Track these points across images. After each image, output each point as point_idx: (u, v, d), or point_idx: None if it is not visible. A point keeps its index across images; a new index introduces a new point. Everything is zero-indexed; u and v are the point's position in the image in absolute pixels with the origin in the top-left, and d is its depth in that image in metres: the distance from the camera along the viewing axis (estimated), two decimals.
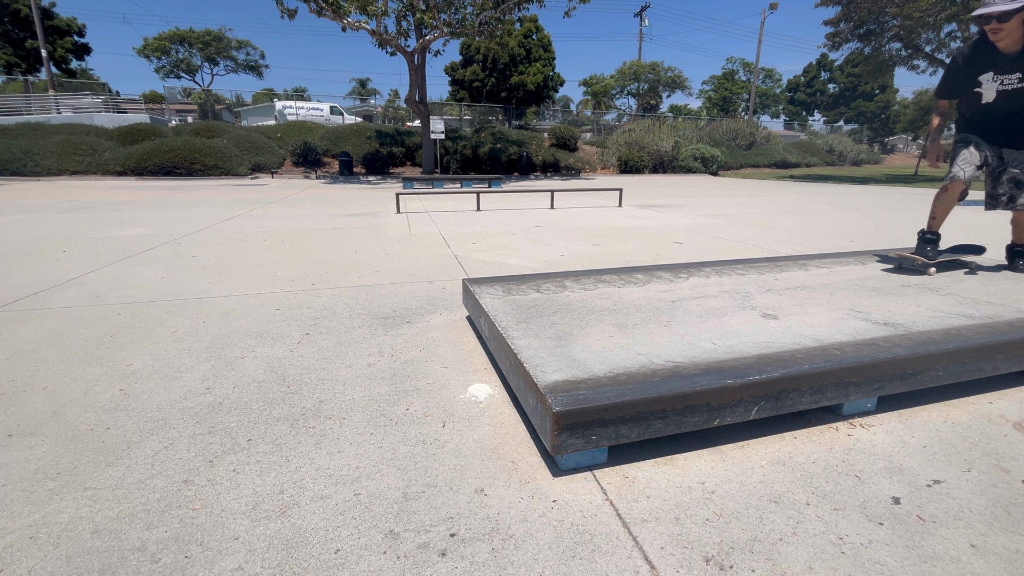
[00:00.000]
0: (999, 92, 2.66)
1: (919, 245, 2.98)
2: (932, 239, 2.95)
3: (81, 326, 2.63)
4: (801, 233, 5.91)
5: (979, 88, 2.70)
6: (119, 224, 6.26)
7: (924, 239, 2.98)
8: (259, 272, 3.83)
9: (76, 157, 15.14)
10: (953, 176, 2.80)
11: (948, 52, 17.85)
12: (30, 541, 1.18)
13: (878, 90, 40.87)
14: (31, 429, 1.65)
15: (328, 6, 13.31)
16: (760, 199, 10.65)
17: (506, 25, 15.22)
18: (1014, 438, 1.64)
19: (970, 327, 2.02)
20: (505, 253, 4.61)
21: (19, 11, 25.25)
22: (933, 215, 2.98)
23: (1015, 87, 2.61)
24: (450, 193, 11.44)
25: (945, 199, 2.91)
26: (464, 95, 30.43)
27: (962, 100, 2.90)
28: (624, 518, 1.26)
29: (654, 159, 21.75)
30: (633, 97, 40.28)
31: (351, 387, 1.97)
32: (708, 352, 1.77)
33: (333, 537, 1.19)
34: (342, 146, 19.00)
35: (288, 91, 51.29)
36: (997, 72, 2.62)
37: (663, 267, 3.12)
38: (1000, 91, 2.65)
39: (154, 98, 41.06)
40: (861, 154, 32.11)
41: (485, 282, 2.74)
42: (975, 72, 2.69)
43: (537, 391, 1.49)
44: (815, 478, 1.42)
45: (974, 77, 2.70)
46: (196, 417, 1.73)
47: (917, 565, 1.12)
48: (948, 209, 2.92)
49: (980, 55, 2.64)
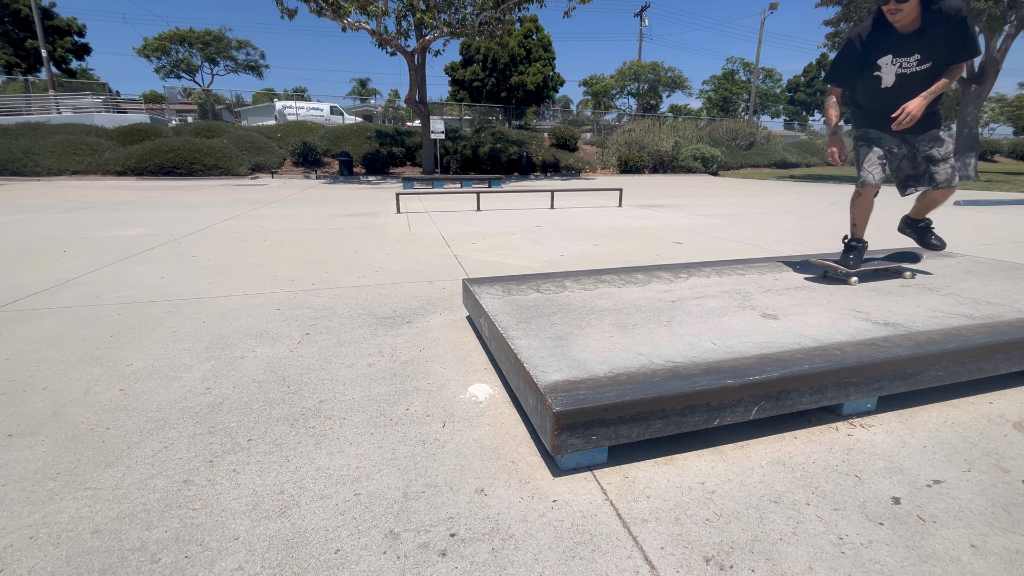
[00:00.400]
0: (898, 76, 2.47)
1: (843, 253, 2.82)
2: (856, 246, 2.80)
3: (81, 326, 2.63)
4: (801, 233, 5.91)
5: (878, 72, 2.50)
6: (119, 224, 6.26)
7: (848, 246, 2.82)
8: (259, 272, 3.83)
9: (76, 157, 15.14)
10: (864, 181, 2.64)
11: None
12: (30, 541, 1.18)
13: None
14: (31, 429, 1.65)
15: (328, 6, 13.31)
16: (760, 199, 10.65)
17: (506, 25, 15.22)
18: (1014, 438, 1.64)
19: (970, 327, 2.02)
20: (505, 253, 4.61)
21: (19, 11, 25.25)
22: (853, 222, 2.83)
23: (914, 70, 2.43)
24: (450, 193, 11.44)
25: (861, 205, 2.76)
26: (464, 95, 30.44)
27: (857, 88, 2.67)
28: (624, 518, 1.26)
29: (654, 159, 21.75)
30: (633, 97, 40.29)
31: (351, 387, 1.97)
32: (708, 352, 1.77)
33: (333, 537, 1.19)
34: (342, 146, 19.00)
35: (288, 91, 51.32)
36: (896, 55, 2.44)
37: (663, 267, 3.12)
38: (899, 75, 2.47)
39: (154, 98, 41.08)
40: None
41: (485, 282, 2.74)
42: (874, 55, 2.49)
43: (537, 391, 1.49)
44: (815, 478, 1.42)
45: (872, 60, 2.50)
46: (196, 417, 1.73)
47: (917, 565, 1.12)
48: (867, 214, 2.76)
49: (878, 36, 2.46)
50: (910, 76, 2.45)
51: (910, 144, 2.64)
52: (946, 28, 2.33)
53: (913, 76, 2.45)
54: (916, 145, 2.63)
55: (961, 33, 2.34)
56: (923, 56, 2.41)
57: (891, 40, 2.43)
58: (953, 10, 2.30)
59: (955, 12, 2.30)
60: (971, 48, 2.38)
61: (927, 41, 2.37)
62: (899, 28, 2.38)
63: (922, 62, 2.41)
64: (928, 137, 2.62)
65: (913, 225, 3.01)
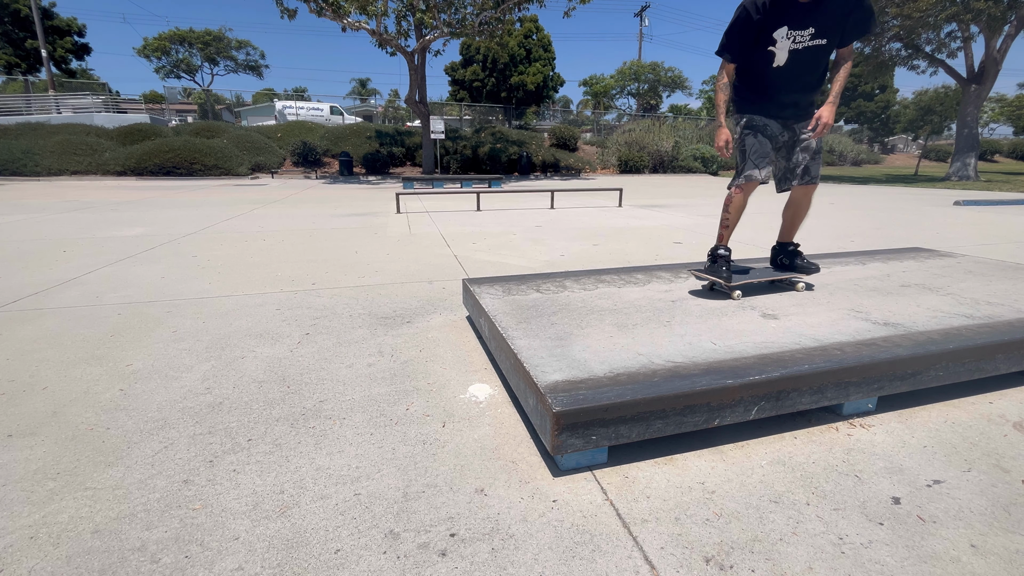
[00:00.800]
0: (791, 53, 2.22)
1: (711, 264, 2.49)
2: (724, 256, 2.46)
3: (81, 326, 2.63)
4: (801, 233, 5.90)
5: (772, 47, 2.23)
6: (119, 224, 6.26)
7: (715, 256, 2.48)
8: (259, 272, 3.83)
9: (76, 157, 15.14)
10: (748, 175, 2.33)
11: (948, 52, 17.84)
12: (30, 541, 1.18)
13: (878, 90, 40.87)
14: (31, 429, 1.65)
15: (328, 6, 13.31)
16: (760, 199, 10.65)
17: (506, 25, 15.22)
18: (1014, 438, 1.64)
19: (970, 327, 2.02)
20: (505, 253, 4.61)
21: (19, 11, 25.25)
22: (725, 223, 2.46)
23: (807, 44, 2.19)
24: (450, 193, 11.44)
25: (738, 203, 2.42)
26: (464, 95, 30.43)
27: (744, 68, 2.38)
28: (624, 518, 1.26)
29: (654, 159, 21.75)
30: (633, 97, 40.28)
31: (351, 387, 1.97)
32: (708, 352, 1.77)
33: (333, 537, 1.19)
34: (342, 146, 19.00)
35: (288, 91, 51.29)
36: (791, 26, 2.18)
37: (663, 267, 3.11)
38: (792, 51, 2.22)
39: (154, 98, 41.06)
40: (861, 154, 32.10)
41: (485, 282, 2.74)
42: (769, 26, 2.22)
43: (537, 391, 1.49)
44: (815, 478, 1.42)
45: (768, 32, 2.22)
46: (196, 417, 1.73)
47: (917, 565, 1.12)
48: (739, 215, 2.44)
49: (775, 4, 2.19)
50: (802, 52, 2.21)
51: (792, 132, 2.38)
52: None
53: (806, 53, 2.21)
54: (798, 133, 2.37)
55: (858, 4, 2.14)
56: (817, 30, 2.18)
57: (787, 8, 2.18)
58: None
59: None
60: (865, 23, 2.18)
61: (823, 11, 2.15)
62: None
63: (815, 36, 2.19)
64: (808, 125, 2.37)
65: (784, 250, 2.66)
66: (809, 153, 2.36)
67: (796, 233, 2.66)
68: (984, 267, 3.20)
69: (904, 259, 3.41)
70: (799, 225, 2.63)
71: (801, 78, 2.29)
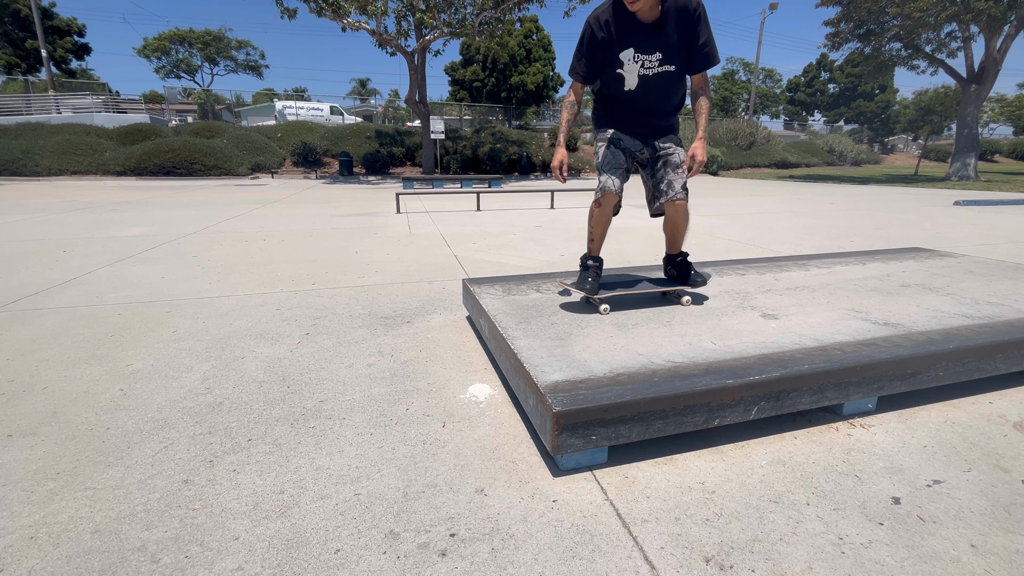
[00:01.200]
0: (641, 78, 2.09)
1: (581, 273, 2.33)
2: (592, 265, 2.32)
3: (81, 326, 2.63)
4: (801, 233, 5.91)
5: (620, 70, 2.10)
6: (119, 224, 6.26)
7: (585, 266, 2.33)
8: (259, 272, 3.83)
9: (76, 157, 15.15)
10: (603, 188, 2.17)
11: (948, 52, 17.83)
12: (30, 541, 1.18)
13: (878, 90, 40.87)
14: (31, 429, 1.65)
15: (328, 6, 13.31)
16: (760, 199, 10.65)
17: (506, 25, 15.22)
18: (1014, 438, 1.64)
19: (970, 327, 2.02)
20: (505, 253, 4.61)
21: (19, 11, 25.24)
22: (591, 236, 2.33)
23: (656, 71, 2.06)
24: (450, 193, 11.44)
25: (600, 216, 2.27)
26: (464, 95, 30.43)
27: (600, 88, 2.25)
28: (624, 518, 1.26)
29: None
30: None
31: (351, 387, 1.97)
32: (708, 352, 1.77)
33: (333, 537, 1.19)
34: (342, 146, 19.00)
35: (288, 91, 51.28)
36: (638, 50, 2.04)
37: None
38: (642, 76, 2.09)
39: (154, 98, 41.07)
40: (861, 154, 32.12)
41: (485, 282, 2.74)
42: (615, 48, 2.06)
43: (537, 391, 1.49)
44: (815, 478, 1.42)
45: (615, 55, 2.07)
46: (196, 417, 1.73)
47: (917, 565, 1.12)
48: (606, 228, 2.32)
49: (619, 24, 2.03)
50: (652, 79, 2.10)
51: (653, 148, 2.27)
52: (682, 23, 2.01)
53: (656, 79, 2.10)
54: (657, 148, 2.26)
55: (692, 29, 2.02)
56: (664, 56, 2.06)
57: (632, 31, 2.03)
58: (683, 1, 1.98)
59: (685, 4, 1.98)
60: (705, 55, 2.06)
61: (666, 38, 2.03)
62: (639, 16, 1.98)
63: (663, 63, 2.06)
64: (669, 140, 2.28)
65: (672, 261, 2.50)
66: (671, 167, 2.22)
67: (682, 243, 2.46)
68: (984, 267, 3.20)
69: (904, 259, 3.41)
70: (682, 238, 2.44)
71: (655, 104, 2.19)
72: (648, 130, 2.25)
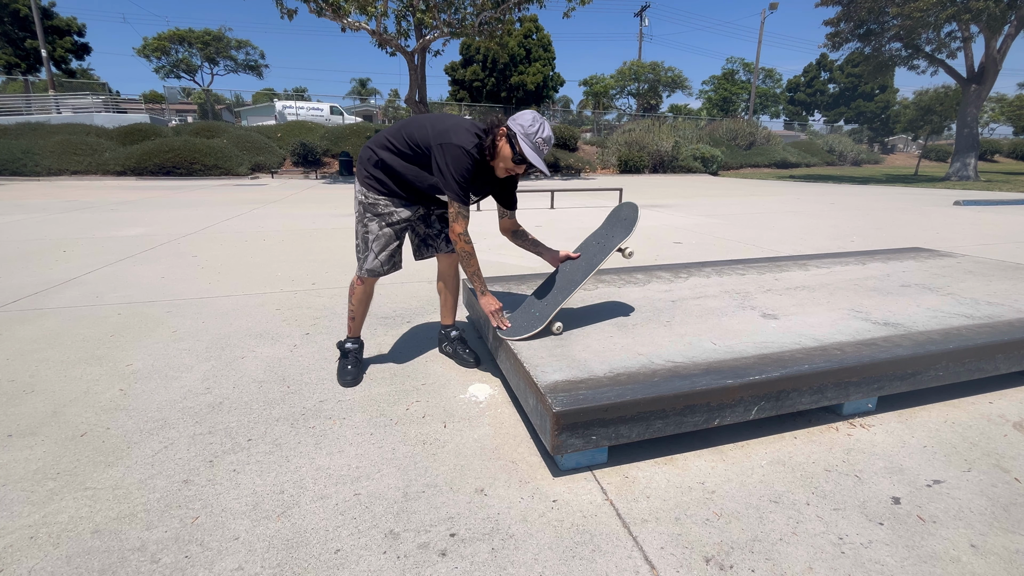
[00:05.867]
0: None
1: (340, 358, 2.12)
2: (352, 349, 2.13)
3: (81, 326, 2.63)
4: (801, 233, 5.91)
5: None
6: (119, 224, 6.26)
7: (344, 350, 2.13)
8: (259, 272, 3.83)
9: (76, 157, 15.13)
10: (371, 270, 2.02)
11: (948, 52, 17.82)
12: (30, 541, 1.18)
13: (878, 90, 40.87)
14: (31, 429, 1.65)
15: (328, 6, 13.30)
16: (760, 199, 10.65)
17: (506, 25, 15.21)
18: (1014, 438, 1.64)
19: (970, 327, 2.02)
20: (505, 253, 4.61)
21: (19, 11, 25.23)
22: (352, 315, 2.12)
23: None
24: None
25: (363, 295, 2.10)
26: (464, 95, 30.43)
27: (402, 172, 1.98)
28: (624, 518, 1.26)
29: (654, 159, 21.74)
30: (633, 97, 40.27)
31: (351, 387, 1.97)
32: (708, 352, 1.77)
33: (333, 537, 1.19)
34: (342, 146, 18.99)
35: (288, 91, 51.26)
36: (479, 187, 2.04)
37: (663, 267, 3.11)
38: None
39: (154, 98, 41.04)
40: (861, 154, 32.11)
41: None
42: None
43: (537, 391, 1.49)
44: (815, 478, 1.42)
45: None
46: (196, 417, 1.73)
47: (917, 565, 1.12)
48: (368, 304, 2.13)
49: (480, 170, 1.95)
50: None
51: (427, 206, 2.14)
52: None
53: None
54: (432, 208, 2.16)
55: None
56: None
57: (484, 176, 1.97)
58: None
59: None
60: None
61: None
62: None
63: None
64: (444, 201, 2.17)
65: (447, 337, 2.31)
66: (445, 223, 2.14)
67: (455, 315, 2.32)
68: (984, 267, 3.20)
69: (904, 259, 3.41)
70: (454, 304, 2.30)
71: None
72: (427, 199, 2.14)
